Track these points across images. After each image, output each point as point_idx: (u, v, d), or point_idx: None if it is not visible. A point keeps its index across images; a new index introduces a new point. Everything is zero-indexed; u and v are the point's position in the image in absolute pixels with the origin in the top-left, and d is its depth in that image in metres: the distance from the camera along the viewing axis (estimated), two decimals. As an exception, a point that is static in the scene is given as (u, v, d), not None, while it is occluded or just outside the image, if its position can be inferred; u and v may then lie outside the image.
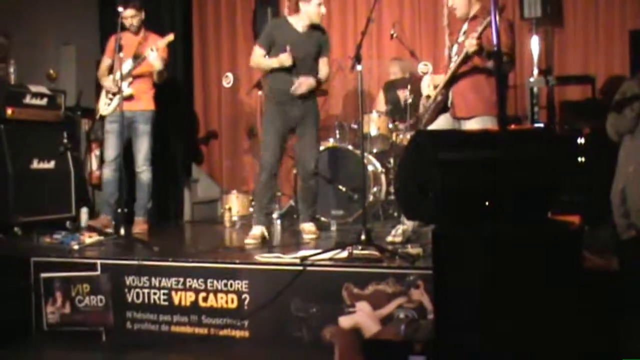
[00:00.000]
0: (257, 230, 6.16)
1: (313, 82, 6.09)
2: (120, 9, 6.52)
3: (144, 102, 7.01)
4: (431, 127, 5.62)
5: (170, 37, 6.85)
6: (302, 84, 6.02)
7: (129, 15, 6.85)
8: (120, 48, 6.43)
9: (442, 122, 5.59)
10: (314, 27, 6.25)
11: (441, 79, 5.66)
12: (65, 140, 7.40)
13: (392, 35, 7.58)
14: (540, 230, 3.30)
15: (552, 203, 3.67)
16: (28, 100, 7.13)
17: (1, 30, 7.53)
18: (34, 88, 7.21)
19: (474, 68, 5.39)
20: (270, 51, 6.16)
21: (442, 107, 5.60)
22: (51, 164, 7.25)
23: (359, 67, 5.34)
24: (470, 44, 5.13)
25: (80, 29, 8.70)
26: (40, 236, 6.39)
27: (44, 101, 7.29)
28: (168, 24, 8.56)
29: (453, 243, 3.35)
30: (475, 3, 5.55)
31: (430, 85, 5.75)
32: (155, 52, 6.67)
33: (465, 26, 5.60)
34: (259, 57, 6.24)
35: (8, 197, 6.77)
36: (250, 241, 6.02)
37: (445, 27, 8.20)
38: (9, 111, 6.89)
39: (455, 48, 5.64)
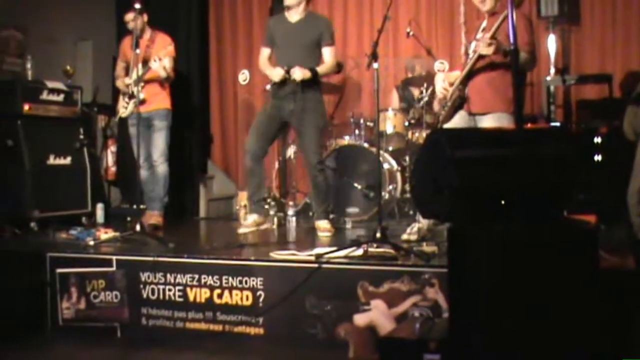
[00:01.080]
0: (250, 218, 6.25)
1: (307, 73, 6.04)
2: (137, 5, 6.54)
3: (159, 101, 7.08)
4: (447, 125, 5.60)
5: (170, 48, 6.88)
6: (294, 72, 6.01)
7: (129, 19, 6.89)
8: (137, 44, 6.46)
9: (457, 120, 5.57)
10: (311, 16, 6.26)
11: (455, 75, 5.64)
12: (81, 137, 7.44)
13: (408, 33, 7.54)
14: (556, 229, 3.29)
15: (568, 202, 3.66)
16: (45, 96, 7.16)
17: (18, 26, 7.59)
18: (50, 84, 7.24)
19: (491, 64, 5.36)
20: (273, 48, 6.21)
21: (458, 104, 5.58)
22: (67, 160, 7.29)
23: (375, 65, 5.34)
24: (485, 44, 5.11)
25: (97, 24, 8.73)
26: (56, 232, 6.43)
27: (61, 97, 7.32)
28: (184, 20, 8.58)
29: (468, 241, 3.34)
30: None
31: (445, 81, 5.72)
32: (158, 62, 6.72)
33: (484, 23, 5.58)
34: (263, 60, 6.35)
35: (25, 193, 6.83)
36: (241, 230, 6.20)
37: (462, 24, 8.18)
38: (26, 107, 6.93)
39: (473, 45, 5.62)
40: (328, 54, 6.23)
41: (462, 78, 5.51)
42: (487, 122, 5.39)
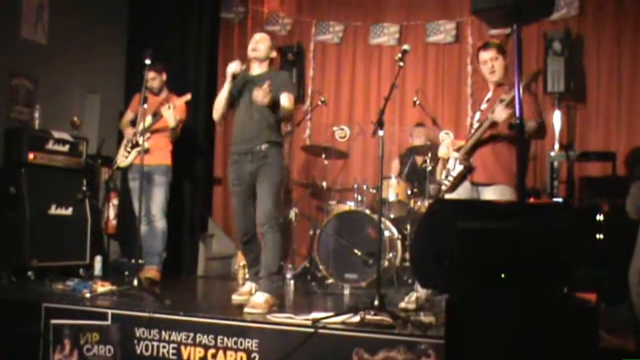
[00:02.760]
0: (246, 286, 6.14)
1: (267, 88, 5.54)
2: (147, 60, 6.61)
3: (161, 157, 7.14)
4: (450, 195, 5.61)
5: (188, 97, 6.99)
6: (256, 94, 5.60)
7: (150, 78, 6.95)
8: (145, 100, 6.50)
9: (461, 191, 5.58)
10: (273, 71, 6.14)
11: (460, 144, 5.67)
12: (84, 188, 7.44)
13: (414, 102, 7.61)
14: (555, 305, 3.27)
15: (569, 278, 3.64)
16: (50, 145, 7.19)
17: (29, 75, 7.64)
18: (57, 134, 7.28)
19: (496, 136, 5.40)
20: None
21: (463, 175, 5.59)
22: (69, 211, 7.29)
23: (380, 133, 5.36)
24: (502, 109, 5.14)
25: (106, 78, 8.82)
26: (53, 282, 6.40)
27: (66, 148, 7.36)
28: (193, 80, 8.66)
29: (466, 313, 3.32)
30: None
31: (449, 148, 5.73)
32: (171, 109, 6.79)
33: (489, 94, 5.63)
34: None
35: (24, 241, 6.81)
36: (235, 297, 6.05)
37: (469, 96, 8.28)
38: (31, 155, 6.96)
39: (477, 115, 5.67)
40: (285, 98, 5.87)
41: (468, 148, 5.53)
42: (490, 193, 5.41)
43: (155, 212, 7.08)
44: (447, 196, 5.62)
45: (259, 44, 6.01)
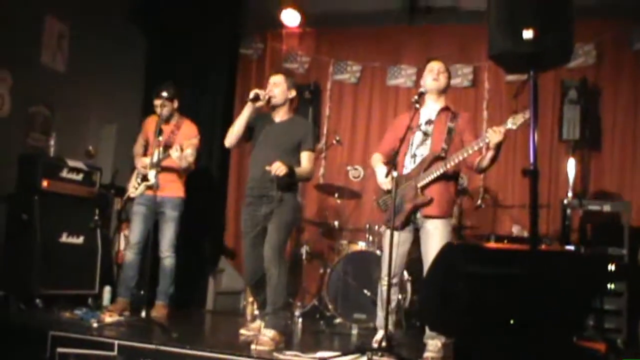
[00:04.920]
0: (255, 322, 6.12)
1: (283, 168, 5.59)
2: (164, 93, 6.64)
3: (173, 190, 7.07)
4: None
5: (195, 141, 6.95)
6: (275, 166, 5.60)
7: (158, 104, 6.99)
8: (160, 131, 6.52)
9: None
10: (295, 120, 6.16)
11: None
12: (96, 217, 7.46)
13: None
14: (564, 354, 3.25)
15: (578, 328, 3.62)
16: (64, 174, 7.24)
17: (47, 103, 7.71)
18: (71, 163, 7.32)
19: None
20: None
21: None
22: (80, 239, 7.31)
23: (394, 174, 5.35)
24: (499, 133, 5.18)
25: (124, 109, 8.88)
26: (60, 310, 6.41)
27: (80, 176, 7.40)
28: (209, 112, 8.71)
29: (474, 357, 3.30)
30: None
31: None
32: (179, 152, 6.63)
33: (428, 116, 5.81)
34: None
35: (33, 268, 6.81)
36: (243, 331, 6.06)
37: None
38: (45, 183, 7.00)
39: (417, 138, 5.74)
40: (305, 159, 5.96)
41: (429, 180, 5.56)
42: (434, 225, 5.53)
43: (165, 248, 7.03)
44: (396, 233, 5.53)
45: (275, 89, 5.99)
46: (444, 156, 5.54)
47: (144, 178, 6.98)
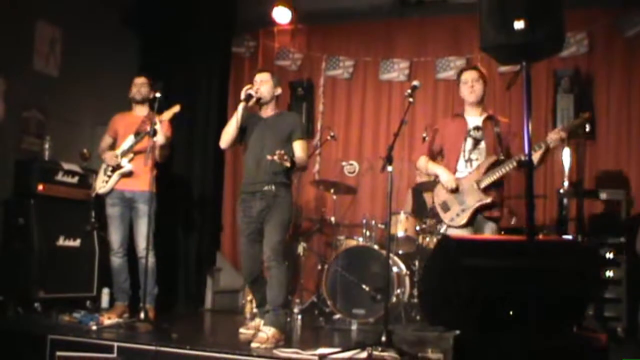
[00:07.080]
0: (255, 321, 6.10)
1: (284, 155, 5.50)
2: (157, 94, 6.59)
3: (144, 182, 6.72)
4: (463, 231, 5.63)
5: (176, 108, 6.79)
6: (278, 154, 5.50)
7: (139, 82, 6.99)
8: (155, 132, 6.48)
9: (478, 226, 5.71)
10: (283, 113, 6.22)
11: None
12: (92, 220, 7.44)
13: (424, 138, 7.60)
14: (564, 344, 3.24)
15: (578, 317, 3.62)
16: (60, 177, 7.23)
17: (40, 107, 7.69)
18: (66, 166, 7.31)
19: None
20: None
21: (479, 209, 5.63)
22: (77, 242, 7.30)
23: (389, 168, 5.35)
24: (557, 138, 5.37)
25: (117, 111, 8.81)
26: (59, 314, 6.39)
27: (75, 179, 7.39)
28: (203, 111, 8.70)
29: (475, 350, 3.30)
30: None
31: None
32: (158, 125, 6.53)
33: (474, 122, 5.84)
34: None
35: (31, 272, 6.80)
36: (242, 330, 6.02)
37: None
38: (40, 187, 6.99)
39: (468, 144, 5.74)
40: (299, 147, 5.96)
41: (492, 181, 5.61)
42: (490, 228, 5.64)
43: (143, 246, 6.69)
44: (459, 231, 5.62)
45: (261, 87, 5.98)
46: (503, 159, 5.65)
47: (115, 169, 6.81)
